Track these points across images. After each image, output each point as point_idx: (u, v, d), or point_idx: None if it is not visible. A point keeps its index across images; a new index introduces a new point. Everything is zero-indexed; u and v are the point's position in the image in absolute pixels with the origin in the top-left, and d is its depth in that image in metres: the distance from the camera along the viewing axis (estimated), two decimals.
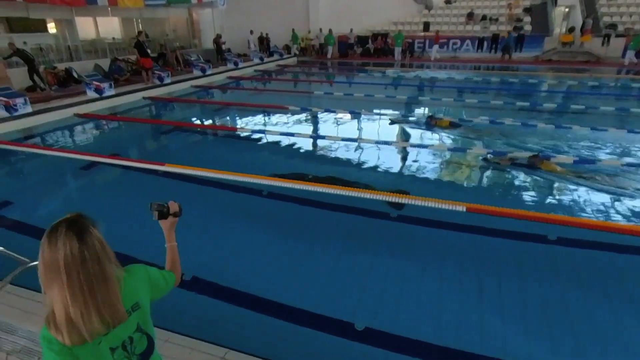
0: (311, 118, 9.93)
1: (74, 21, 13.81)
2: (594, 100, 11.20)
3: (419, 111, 10.98)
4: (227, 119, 10.14)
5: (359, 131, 8.89)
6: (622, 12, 19.94)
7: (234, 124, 9.55)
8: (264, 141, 7.91)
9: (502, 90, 13.34)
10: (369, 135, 8.35)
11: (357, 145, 7.47)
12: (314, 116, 10.04)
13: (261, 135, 8.23)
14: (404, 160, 6.97)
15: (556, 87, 14.44)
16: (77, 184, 6.23)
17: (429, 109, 10.94)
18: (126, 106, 11.12)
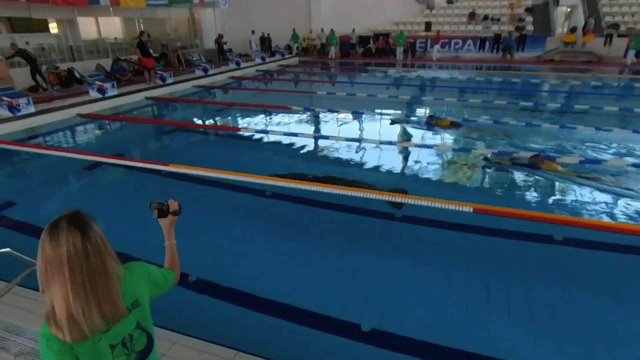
0: (314, 118, 9.91)
1: (76, 21, 13.80)
2: (596, 100, 11.17)
3: (419, 111, 10.95)
4: (230, 119, 10.12)
5: (360, 131, 8.87)
6: (624, 12, 19.90)
7: (236, 124, 9.54)
8: (267, 141, 7.90)
9: (503, 90, 13.30)
10: (370, 135, 8.34)
11: (358, 145, 7.46)
12: (316, 116, 10.03)
13: (264, 135, 8.22)
14: (405, 159, 6.96)
15: (558, 87, 14.41)
16: (81, 184, 6.22)
17: (430, 108, 10.92)
18: (129, 106, 11.12)
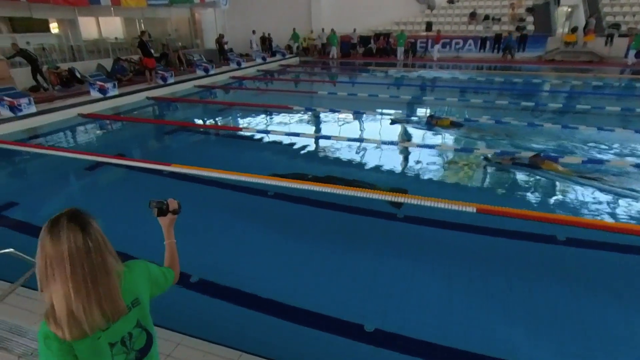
0: (315, 118, 9.91)
1: (77, 21, 13.80)
2: (597, 100, 11.15)
3: (420, 111, 10.93)
4: (231, 119, 10.11)
5: (361, 131, 8.86)
6: (625, 12, 19.88)
7: (238, 124, 9.53)
8: (268, 141, 7.89)
9: (504, 90, 13.28)
10: (370, 135, 8.33)
11: (359, 145, 7.45)
12: (317, 116, 10.02)
13: (265, 135, 8.22)
14: (405, 159, 6.95)
15: (559, 87, 14.40)
16: (82, 184, 6.21)
17: (430, 108, 10.91)
18: (130, 106, 11.11)
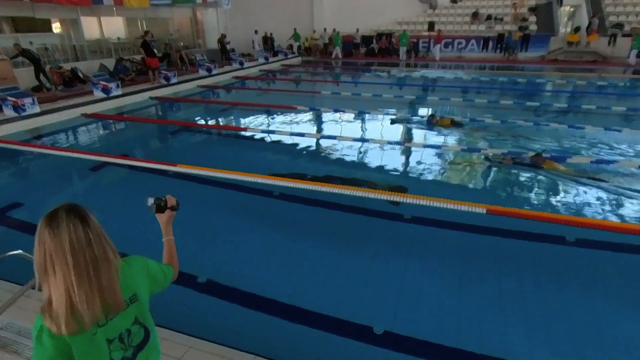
0: (319, 118, 9.88)
1: (80, 21, 13.78)
2: (600, 99, 11.10)
3: (420, 110, 10.88)
4: (235, 119, 10.08)
5: (364, 131, 8.82)
6: (628, 12, 19.82)
7: (242, 123, 9.49)
8: (273, 141, 7.85)
9: (505, 89, 13.23)
10: (372, 134, 8.30)
11: (367, 145, 7.43)
12: (321, 116, 10.00)
13: (270, 135, 8.18)
14: (406, 159, 6.92)
15: (561, 86, 14.36)
16: (87, 184, 6.17)
17: (431, 108, 10.86)
18: (133, 106, 11.08)
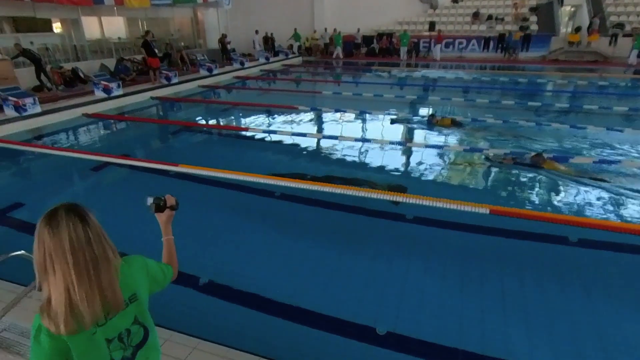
0: (320, 118, 9.88)
1: (80, 21, 13.78)
2: (601, 99, 11.08)
3: (421, 110, 10.85)
4: (237, 118, 10.07)
5: (363, 131, 8.80)
6: (629, 12, 19.81)
7: (243, 123, 9.48)
8: (275, 141, 7.84)
9: (506, 89, 13.21)
10: (372, 134, 8.29)
11: (362, 144, 7.42)
12: (322, 116, 9.99)
13: (271, 136, 8.17)
14: (406, 159, 6.91)
15: (562, 86, 14.34)
16: (88, 184, 6.16)
17: (432, 108, 10.83)
18: (134, 106, 11.07)
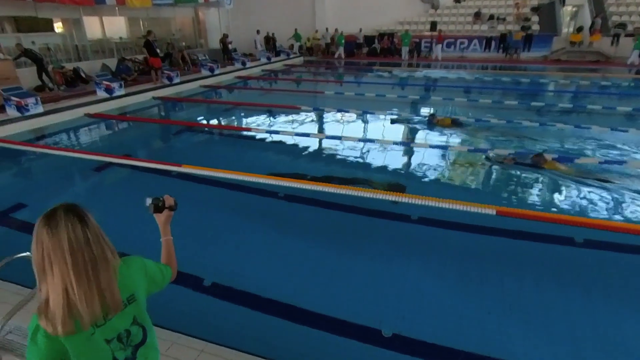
0: (322, 118, 9.85)
1: (82, 21, 13.77)
2: (603, 99, 11.05)
3: (422, 110, 10.81)
4: (238, 118, 10.05)
5: (364, 131, 8.77)
6: (631, 12, 19.77)
7: (245, 124, 9.46)
8: (277, 141, 7.81)
9: (507, 89, 13.17)
10: (374, 134, 8.26)
11: (364, 145, 7.38)
12: (324, 116, 9.97)
13: (274, 136, 8.14)
14: (406, 159, 6.89)
15: (564, 86, 14.30)
16: (91, 185, 6.14)
17: (433, 108, 10.80)
18: (136, 106, 11.04)
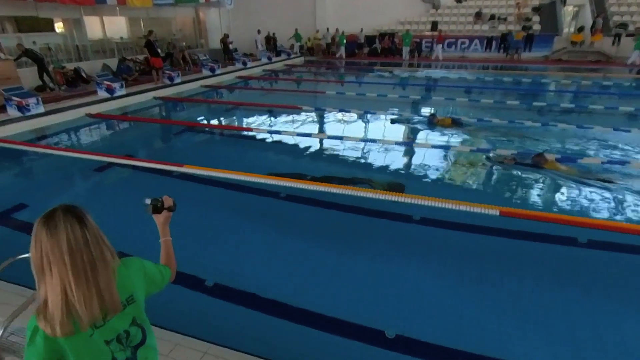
0: (323, 118, 9.85)
1: (83, 20, 13.76)
2: (604, 100, 11.04)
3: (423, 110, 10.79)
4: (239, 118, 10.04)
5: (365, 131, 8.76)
6: (632, 12, 19.75)
7: (245, 123, 9.45)
8: (278, 141, 7.80)
9: (507, 89, 13.16)
10: (374, 135, 8.25)
11: (365, 145, 7.37)
12: (325, 116, 9.96)
13: (275, 136, 8.12)
14: (406, 159, 6.88)
15: (565, 86, 14.28)
16: (92, 185, 6.12)
17: (432, 107, 10.79)
18: (137, 106, 11.03)
